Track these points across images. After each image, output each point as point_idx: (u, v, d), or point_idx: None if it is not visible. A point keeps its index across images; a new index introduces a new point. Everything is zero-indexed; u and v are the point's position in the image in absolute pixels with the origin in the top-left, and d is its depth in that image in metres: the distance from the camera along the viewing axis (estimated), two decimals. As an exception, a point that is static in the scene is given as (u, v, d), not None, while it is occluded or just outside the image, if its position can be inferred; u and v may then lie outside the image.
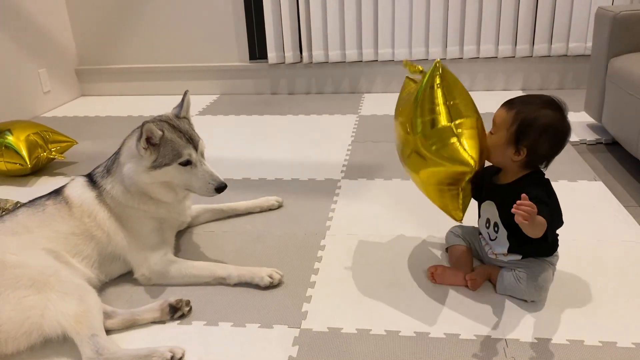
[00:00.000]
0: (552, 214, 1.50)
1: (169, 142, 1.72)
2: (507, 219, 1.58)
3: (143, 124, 1.68)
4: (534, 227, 1.42)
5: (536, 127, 1.49)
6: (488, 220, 1.67)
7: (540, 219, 1.41)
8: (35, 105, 3.84)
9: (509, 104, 1.56)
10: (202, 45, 4.11)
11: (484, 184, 1.66)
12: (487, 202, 1.66)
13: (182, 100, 1.87)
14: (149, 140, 1.70)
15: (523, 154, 1.53)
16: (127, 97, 4.23)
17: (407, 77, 1.73)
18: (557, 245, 1.64)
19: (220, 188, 1.76)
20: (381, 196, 2.35)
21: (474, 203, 1.69)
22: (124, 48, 4.21)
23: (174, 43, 4.13)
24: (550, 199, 1.54)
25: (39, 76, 3.86)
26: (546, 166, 1.59)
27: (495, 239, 1.65)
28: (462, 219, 1.61)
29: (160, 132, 1.70)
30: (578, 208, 2.14)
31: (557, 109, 1.51)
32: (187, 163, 1.74)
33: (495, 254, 1.67)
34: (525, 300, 1.60)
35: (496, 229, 1.63)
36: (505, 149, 1.55)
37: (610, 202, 2.20)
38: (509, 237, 1.60)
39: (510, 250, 1.62)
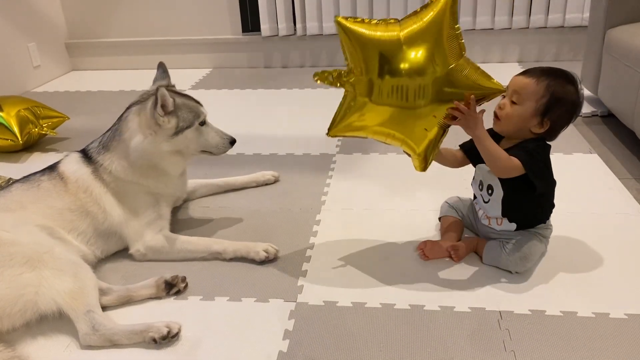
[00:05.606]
0: (532, 161, 1.51)
1: (184, 106, 1.75)
2: (506, 183, 1.58)
3: (157, 90, 1.68)
4: (483, 149, 1.51)
5: (564, 102, 1.51)
6: (481, 183, 1.67)
7: (484, 135, 1.49)
8: (25, 80, 3.78)
9: (535, 75, 1.53)
10: (193, 17, 4.04)
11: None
12: (483, 164, 1.65)
13: (164, 70, 1.88)
14: (163, 107, 1.70)
15: (546, 126, 1.54)
16: (119, 72, 4.17)
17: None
18: (551, 210, 1.65)
19: (233, 141, 1.84)
20: (376, 170, 2.34)
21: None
22: (115, 21, 4.13)
23: (165, 16, 4.06)
24: (539, 156, 1.55)
25: (29, 50, 3.79)
26: (554, 138, 1.60)
27: (488, 201, 1.66)
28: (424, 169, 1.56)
29: (171, 99, 1.71)
30: (573, 180, 2.14)
31: (576, 85, 1.53)
32: (204, 122, 1.80)
33: (489, 217, 1.68)
34: (510, 272, 1.61)
35: (490, 191, 1.64)
36: (529, 120, 1.54)
37: (606, 175, 2.20)
38: (503, 200, 1.61)
39: (504, 214, 1.63)
